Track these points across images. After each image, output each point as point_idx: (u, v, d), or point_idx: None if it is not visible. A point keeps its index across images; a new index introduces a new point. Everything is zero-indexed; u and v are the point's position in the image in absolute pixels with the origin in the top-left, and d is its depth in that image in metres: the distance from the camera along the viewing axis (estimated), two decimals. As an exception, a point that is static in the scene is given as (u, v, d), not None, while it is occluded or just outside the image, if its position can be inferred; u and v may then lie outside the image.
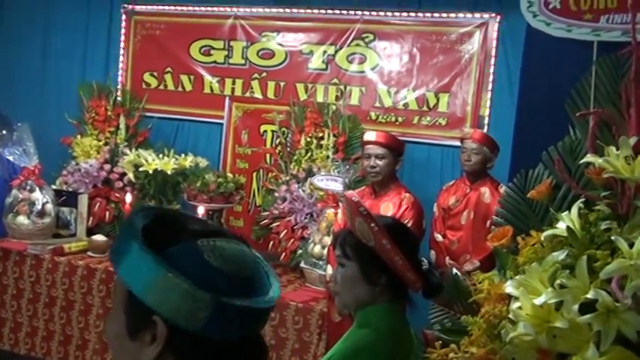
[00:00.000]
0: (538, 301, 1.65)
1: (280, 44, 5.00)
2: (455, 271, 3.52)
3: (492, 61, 4.44)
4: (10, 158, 4.57)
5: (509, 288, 1.83)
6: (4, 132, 4.60)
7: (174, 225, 0.99)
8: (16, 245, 4.43)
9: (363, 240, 1.77)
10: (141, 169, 4.62)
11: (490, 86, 4.46)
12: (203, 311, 0.90)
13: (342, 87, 4.79)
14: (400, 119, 4.67)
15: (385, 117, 4.70)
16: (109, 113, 5.01)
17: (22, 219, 4.52)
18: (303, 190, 4.28)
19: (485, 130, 4.37)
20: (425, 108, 4.61)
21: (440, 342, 2.03)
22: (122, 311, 0.97)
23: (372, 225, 1.72)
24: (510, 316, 1.77)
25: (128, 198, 4.42)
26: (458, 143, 4.11)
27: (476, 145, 3.88)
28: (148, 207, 1.05)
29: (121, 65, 5.50)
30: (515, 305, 1.77)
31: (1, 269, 4.41)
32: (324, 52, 4.85)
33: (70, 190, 4.79)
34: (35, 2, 5.78)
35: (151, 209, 1.02)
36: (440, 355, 1.94)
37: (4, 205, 4.60)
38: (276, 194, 4.44)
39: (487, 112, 4.47)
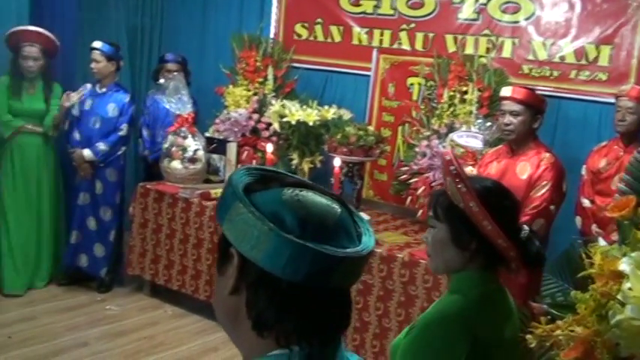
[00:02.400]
0: (651, 282, 1.47)
1: (431, -7, 4.81)
2: (601, 240, 3.26)
3: (664, 9, 3.96)
4: (167, 106, 4.85)
5: (623, 265, 1.65)
6: (160, 81, 4.89)
7: (270, 177, 1.04)
8: (169, 188, 4.73)
9: (455, 201, 1.67)
10: (284, 119, 4.70)
11: (661, 38, 3.99)
12: (265, 243, 0.92)
13: (493, 38, 4.52)
14: (555, 73, 4.32)
15: (539, 71, 4.38)
16: (259, 64, 5.13)
17: (176, 164, 4.80)
18: (444, 146, 4.13)
19: (652, 86, 3.94)
20: (583, 61, 4.22)
21: (548, 317, 1.89)
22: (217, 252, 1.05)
23: (460, 185, 1.61)
24: (619, 296, 1.60)
25: (269, 148, 4.53)
26: (617, 101, 3.74)
27: (632, 103, 3.52)
28: (254, 166, 1.09)
29: (274, 16, 5.57)
30: (626, 285, 1.60)
31: (157, 210, 4.74)
32: (476, 1, 4.58)
33: (221, 138, 5.00)
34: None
35: (258, 168, 1.07)
36: (545, 331, 1.81)
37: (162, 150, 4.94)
38: (417, 149, 4.33)
39: (655, 67, 4.02)
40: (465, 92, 4.19)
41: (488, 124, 3.77)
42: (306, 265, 0.93)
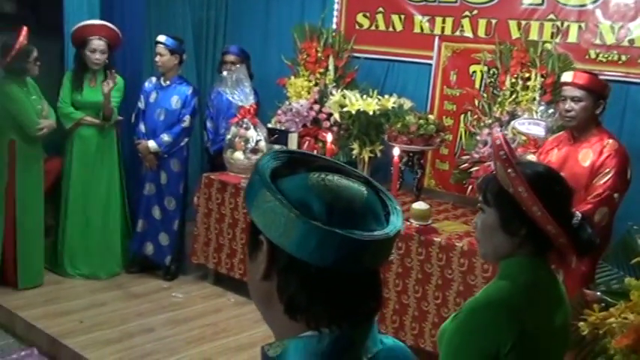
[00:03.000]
0: None
1: (494, -22, 4.70)
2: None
3: None
4: (230, 98, 4.93)
5: (679, 251, 1.59)
6: (223, 73, 4.97)
7: (297, 161, 1.04)
8: (232, 179, 4.81)
9: (504, 186, 1.64)
10: (344, 109, 4.70)
11: None
12: (293, 230, 0.93)
13: (558, 23, 4.39)
14: (624, 58, 4.15)
15: (606, 55, 4.22)
16: (320, 55, 5.14)
17: (239, 155, 4.88)
18: (506, 134, 4.05)
19: None
20: (654, 45, 4.07)
21: (603, 304, 1.84)
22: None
23: (510, 170, 1.59)
24: (673, 282, 1.54)
25: (329, 137, 4.54)
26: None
27: None
28: (281, 150, 1.10)
29: (336, 6, 5.56)
30: (681, 271, 1.54)
31: (220, 200, 4.84)
32: (541, -15, 4.47)
33: (282, 128, 5.05)
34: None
35: (284, 152, 1.07)
36: (598, 318, 1.76)
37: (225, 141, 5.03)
38: (478, 137, 4.26)
39: None
40: (528, 79, 4.09)
41: (551, 110, 3.68)
42: (334, 250, 0.93)
